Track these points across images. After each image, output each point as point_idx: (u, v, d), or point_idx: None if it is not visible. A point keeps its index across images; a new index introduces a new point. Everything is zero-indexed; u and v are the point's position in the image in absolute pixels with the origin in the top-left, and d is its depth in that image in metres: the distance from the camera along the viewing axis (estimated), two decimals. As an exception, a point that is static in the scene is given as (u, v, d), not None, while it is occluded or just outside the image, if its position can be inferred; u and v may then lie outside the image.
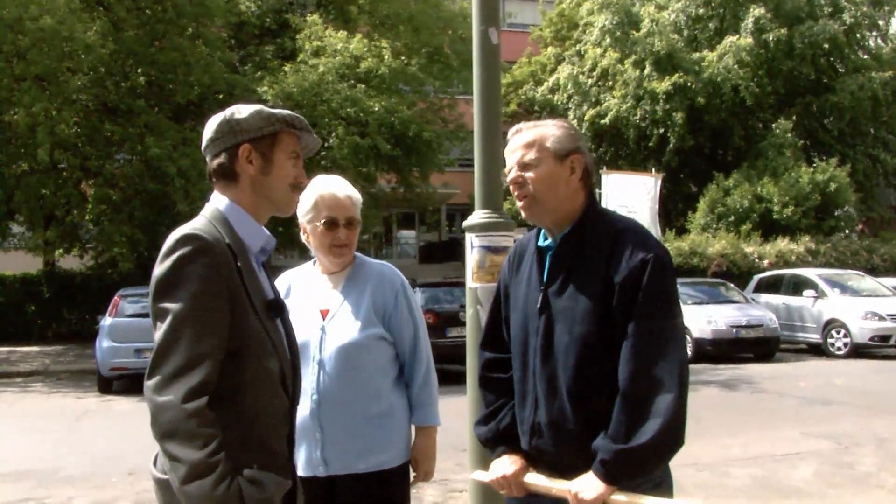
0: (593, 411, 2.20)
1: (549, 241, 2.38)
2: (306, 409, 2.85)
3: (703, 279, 19.94)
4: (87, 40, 16.77)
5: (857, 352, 16.45)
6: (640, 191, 23.85)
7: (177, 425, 1.83)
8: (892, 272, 22.92)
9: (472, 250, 4.20)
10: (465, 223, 4.27)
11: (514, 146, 2.37)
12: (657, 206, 24.09)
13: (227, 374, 1.94)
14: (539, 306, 2.32)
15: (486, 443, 2.52)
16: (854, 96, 27.74)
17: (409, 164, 22.20)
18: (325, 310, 2.98)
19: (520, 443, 2.40)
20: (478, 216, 4.22)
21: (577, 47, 31.25)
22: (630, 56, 28.20)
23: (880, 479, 6.74)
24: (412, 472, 3.07)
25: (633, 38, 28.17)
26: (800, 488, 6.48)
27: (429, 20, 22.72)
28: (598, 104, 29.02)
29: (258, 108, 2.15)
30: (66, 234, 20.82)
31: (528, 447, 2.37)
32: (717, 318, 16.41)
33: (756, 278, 20.12)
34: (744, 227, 24.46)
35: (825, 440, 8.27)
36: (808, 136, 29.22)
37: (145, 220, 18.55)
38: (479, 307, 4.09)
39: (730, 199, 25.51)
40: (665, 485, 2.27)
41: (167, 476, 1.88)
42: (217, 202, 2.13)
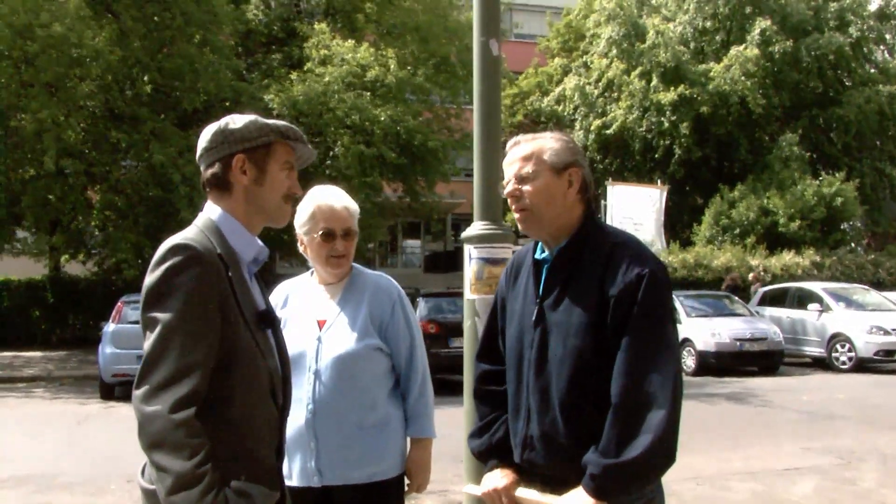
0: (585, 425, 2.19)
1: (546, 254, 2.37)
2: (301, 419, 2.84)
3: (708, 292, 19.90)
4: (95, 46, 16.83)
5: (862, 366, 16.38)
6: (646, 203, 23.88)
7: (164, 436, 1.82)
8: (898, 286, 22.84)
9: (470, 262, 4.18)
10: (464, 234, 4.25)
11: (512, 159, 2.37)
12: (663, 218, 24.12)
13: (217, 385, 1.93)
14: (534, 319, 2.31)
15: (479, 456, 2.51)
16: (861, 109, 27.75)
17: (414, 174, 22.22)
18: (322, 320, 2.97)
19: (512, 456, 2.39)
20: (476, 227, 4.21)
21: (584, 58, 31.31)
22: (637, 68, 28.24)
23: (882, 496, 6.70)
24: (406, 483, 3.05)
25: (639, 49, 28.22)
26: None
27: (436, 30, 22.78)
28: (604, 115, 29.05)
29: (253, 118, 2.15)
30: (71, 239, 20.85)
31: (521, 460, 2.36)
32: (722, 330, 16.36)
33: (761, 291, 20.07)
34: (749, 240, 24.41)
35: (827, 455, 8.23)
36: (814, 148, 29.21)
37: (150, 227, 18.58)
38: (477, 319, 4.08)
39: (735, 211, 25.48)
40: (656, 501, 2.26)
41: (154, 486, 1.87)
42: (210, 212, 2.13)
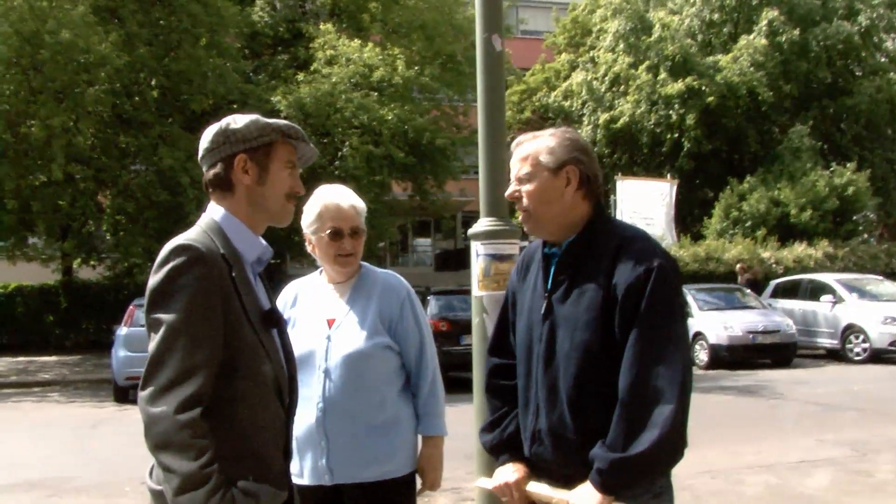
0: (592, 420, 2.18)
1: (556, 248, 2.36)
2: (312, 418, 2.86)
3: (720, 285, 19.83)
4: (103, 52, 16.90)
5: (877, 357, 16.27)
6: (656, 197, 23.84)
7: (170, 437, 1.82)
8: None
9: (477, 258, 4.17)
10: (470, 231, 4.25)
11: (514, 160, 2.38)
12: (673, 212, 24.06)
13: (222, 385, 1.93)
14: (543, 313, 2.31)
15: (491, 450, 2.52)
16: (872, 99, 27.56)
17: (423, 172, 22.24)
18: (331, 319, 2.98)
19: (523, 450, 2.39)
20: (483, 224, 4.20)
21: (591, 53, 31.23)
22: (644, 61, 28.16)
23: (898, 487, 6.66)
24: (418, 481, 3.05)
25: (646, 43, 28.14)
26: (815, 496, 6.42)
27: (441, 28, 22.77)
28: (611, 109, 28.98)
29: (254, 117, 2.15)
30: (82, 244, 20.95)
31: (530, 454, 2.37)
32: (734, 323, 16.30)
33: (773, 284, 19.99)
34: (760, 233, 24.30)
35: (842, 447, 8.18)
36: (824, 139, 29.03)
37: (160, 231, 18.65)
38: (485, 315, 4.07)
39: (745, 203, 25.35)
40: (665, 496, 2.25)
41: (162, 487, 1.88)
42: (212, 212, 2.13)
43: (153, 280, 1.94)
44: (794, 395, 12.06)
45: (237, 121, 2.14)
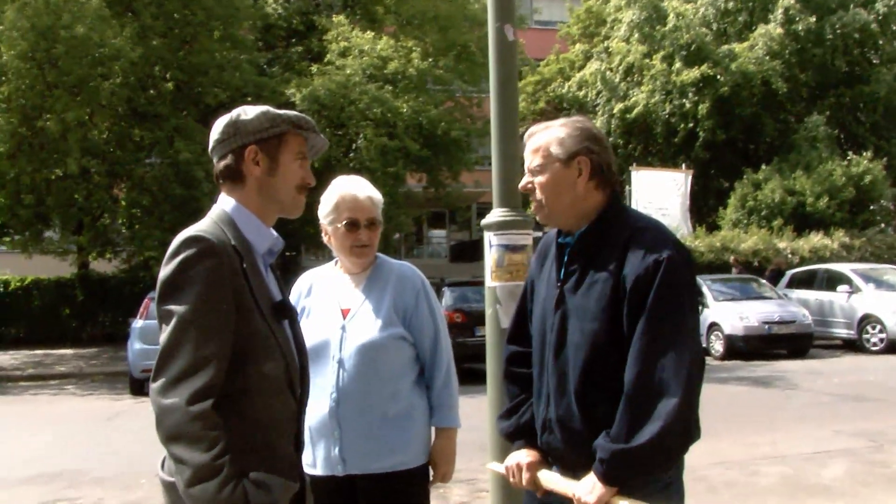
0: (599, 411, 2.18)
1: (570, 238, 2.36)
2: (325, 408, 2.86)
3: (736, 275, 19.75)
4: (117, 45, 16.96)
5: (893, 347, 16.13)
6: (670, 187, 23.73)
7: (182, 428, 1.83)
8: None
9: (490, 249, 4.16)
10: (483, 221, 4.23)
11: (526, 151, 2.38)
12: (688, 203, 23.95)
13: (233, 377, 1.93)
14: (554, 303, 2.31)
15: (507, 437, 2.55)
16: (889, 87, 27.30)
17: (438, 164, 22.21)
18: (346, 309, 2.98)
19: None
20: (496, 214, 4.18)
21: (605, 44, 31.09)
22: (659, 51, 28.01)
23: (915, 478, 6.62)
24: (431, 473, 3.05)
25: (661, 32, 27.98)
26: (831, 487, 6.38)
27: (455, 19, 22.73)
28: (626, 99, 28.86)
29: (265, 109, 2.15)
30: (97, 237, 21.08)
31: (541, 443, 2.38)
32: (750, 314, 16.22)
33: (789, 274, 19.88)
34: (776, 223, 24.15)
35: (858, 438, 8.13)
36: (840, 128, 28.78)
37: (175, 224, 18.71)
38: (499, 306, 4.06)
39: (761, 193, 25.18)
40: (674, 487, 2.25)
41: (174, 479, 1.89)
42: (223, 204, 2.13)
43: (164, 271, 1.95)
44: (810, 385, 12.00)
45: (247, 112, 2.13)
